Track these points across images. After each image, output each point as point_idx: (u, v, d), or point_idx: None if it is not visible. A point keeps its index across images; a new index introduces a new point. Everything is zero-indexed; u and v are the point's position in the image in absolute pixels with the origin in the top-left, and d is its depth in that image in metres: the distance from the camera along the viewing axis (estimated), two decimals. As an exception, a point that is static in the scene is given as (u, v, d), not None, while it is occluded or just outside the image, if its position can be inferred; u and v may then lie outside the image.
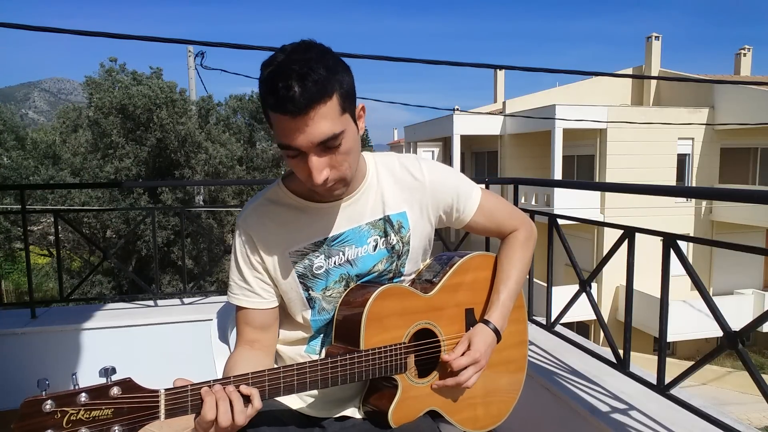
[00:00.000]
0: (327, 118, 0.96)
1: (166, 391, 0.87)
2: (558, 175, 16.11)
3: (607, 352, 2.07)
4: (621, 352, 1.95)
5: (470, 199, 1.27)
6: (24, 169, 15.03)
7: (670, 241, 1.69)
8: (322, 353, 1.21)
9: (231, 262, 1.19)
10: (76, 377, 0.84)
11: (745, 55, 20.03)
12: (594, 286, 7.32)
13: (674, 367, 2.20)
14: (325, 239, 1.16)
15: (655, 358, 1.92)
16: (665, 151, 16.03)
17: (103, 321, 2.85)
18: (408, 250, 1.21)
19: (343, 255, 1.17)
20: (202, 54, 10.67)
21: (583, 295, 2.20)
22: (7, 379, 2.65)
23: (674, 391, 1.73)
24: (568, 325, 2.58)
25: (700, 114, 16.26)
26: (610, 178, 15.55)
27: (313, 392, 1.21)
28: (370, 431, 1.15)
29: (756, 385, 1.44)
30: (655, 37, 19.00)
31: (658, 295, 1.78)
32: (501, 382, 1.32)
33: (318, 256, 1.16)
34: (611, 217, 14.92)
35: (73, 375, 0.84)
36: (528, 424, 2.13)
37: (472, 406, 1.26)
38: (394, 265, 1.21)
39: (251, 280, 1.15)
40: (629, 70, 19.90)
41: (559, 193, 15.09)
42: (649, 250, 2.88)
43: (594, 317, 5.45)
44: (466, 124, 18.70)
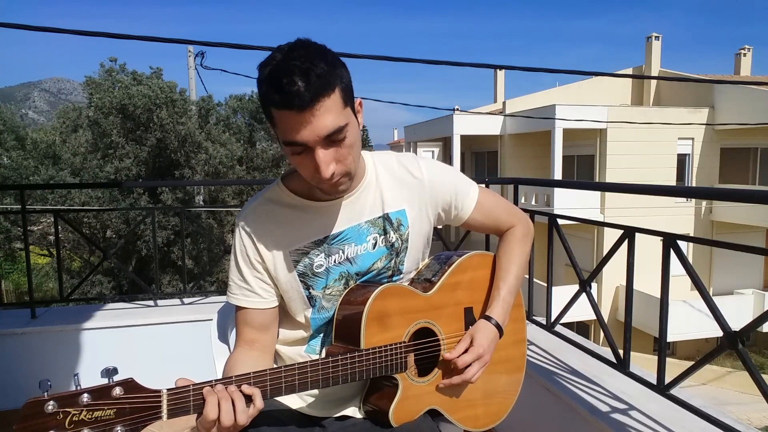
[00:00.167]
0: (331, 112, 0.97)
1: (169, 391, 0.87)
2: (558, 175, 16.11)
3: (607, 352, 2.07)
4: (621, 352, 1.95)
5: (468, 196, 1.28)
6: (24, 169, 15.03)
7: (670, 241, 1.69)
8: (323, 353, 1.21)
9: (230, 262, 1.19)
10: (78, 378, 0.84)
11: (745, 55, 20.03)
12: (594, 286, 7.33)
13: (674, 367, 2.20)
14: (325, 238, 1.16)
15: (655, 358, 1.92)
16: (665, 151, 16.03)
17: (103, 321, 2.85)
18: (407, 248, 1.22)
19: (343, 253, 1.17)
20: (202, 54, 10.68)
21: (583, 295, 2.20)
22: (7, 379, 2.65)
23: (674, 391, 1.73)
24: (568, 325, 2.58)
25: (700, 114, 16.26)
26: (610, 178, 15.55)
27: (314, 392, 1.21)
28: (371, 431, 1.15)
29: (756, 385, 1.44)
30: (655, 37, 19.00)
31: (658, 295, 1.78)
32: (500, 381, 1.32)
33: (318, 255, 1.16)
34: (611, 217, 14.92)
35: (75, 375, 0.84)
36: (528, 424, 2.13)
37: (471, 404, 1.26)
38: (393, 262, 1.21)
39: (251, 280, 1.15)
40: (629, 70, 19.90)
41: (559, 193, 15.09)
42: (649, 250, 2.89)
43: (594, 317, 5.45)
44: (466, 124, 18.70)
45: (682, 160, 16.61)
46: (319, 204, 1.16)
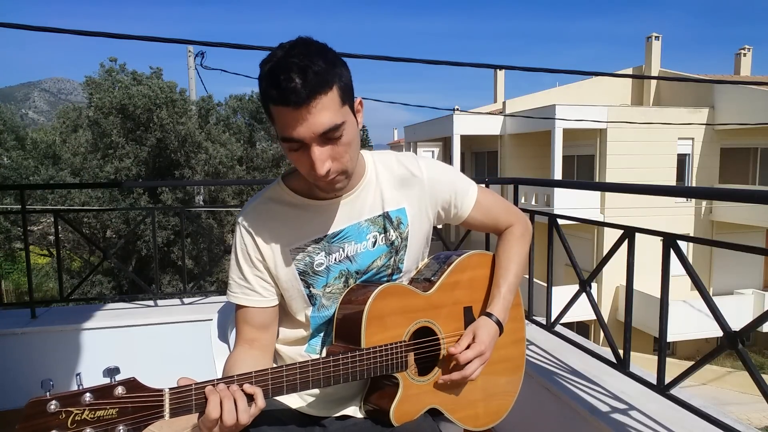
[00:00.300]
0: (328, 109, 0.97)
1: (171, 390, 0.87)
2: (558, 175, 16.11)
3: (607, 352, 2.07)
4: (621, 352, 1.95)
5: (467, 195, 1.29)
6: (24, 169, 15.04)
7: (670, 241, 1.69)
8: (323, 352, 1.21)
9: (231, 260, 1.19)
10: (80, 377, 0.84)
11: (745, 55, 20.02)
12: (594, 286, 7.33)
13: (674, 367, 2.20)
14: (325, 236, 1.16)
15: (655, 358, 1.92)
16: (665, 151, 16.03)
17: (103, 321, 2.85)
18: (406, 246, 1.22)
19: (343, 251, 1.17)
20: (202, 54, 10.67)
21: (583, 295, 2.20)
22: (7, 379, 2.65)
23: (674, 391, 1.73)
24: (568, 325, 2.58)
25: (700, 114, 16.25)
26: (610, 178, 15.54)
27: (314, 391, 1.21)
28: (372, 430, 1.15)
29: (756, 385, 1.44)
30: (655, 37, 18.99)
31: (658, 295, 1.78)
32: (500, 380, 1.32)
33: (319, 253, 1.16)
34: (611, 217, 14.92)
35: (77, 375, 0.84)
36: (528, 424, 2.13)
37: (472, 404, 1.26)
38: (393, 260, 1.22)
39: (251, 279, 1.16)
40: (629, 70, 19.90)
41: (559, 193, 15.09)
42: (649, 250, 2.89)
43: (594, 317, 5.45)
44: (466, 124, 18.70)
45: (682, 160, 16.61)
46: (319, 202, 1.16)
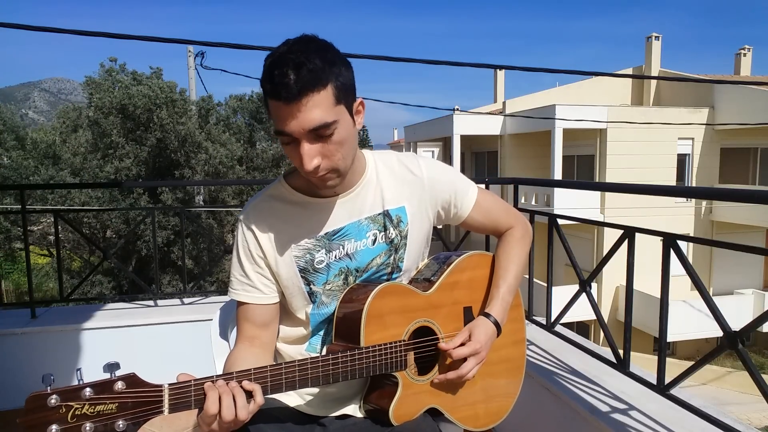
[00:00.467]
0: (320, 107, 0.99)
1: (170, 386, 0.88)
2: (558, 175, 16.11)
3: (607, 352, 2.08)
4: (621, 352, 1.95)
5: (467, 195, 1.29)
6: (24, 169, 15.04)
7: (670, 241, 1.69)
8: (323, 351, 1.21)
9: (233, 258, 1.20)
10: (81, 372, 0.84)
11: (745, 55, 20.02)
12: (594, 286, 7.33)
13: (674, 367, 2.20)
14: (326, 234, 1.17)
15: (655, 358, 1.92)
16: (665, 151, 16.03)
17: (103, 321, 2.85)
18: (406, 244, 1.23)
19: (343, 249, 1.18)
20: (202, 54, 10.68)
21: (583, 295, 2.20)
22: (7, 379, 2.65)
23: (674, 391, 1.73)
24: (568, 325, 2.58)
25: (700, 114, 16.25)
26: (610, 178, 15.54)
27: (314, 391, 1.22)
28: (371, 430, 1.15)
29: (756, 385, 1.44)
30: (655, 37, 18.99)
31: (658, 295, 1.78)
32: (500, 381, 1.32)
33: (319, 251, 1.17)
34: (611, 217, 14.92)
35: (78, 370, 0.85)
36: (528, 424, 2.13)
37: (472, 404, 1.26)
38: (393, 259, 1.22)
39: (252, 275, 1.17)
40: (629, 70, 19.90)
41: (559, 193, 15.09)
42: (649, 250, 2.89)
43: (594, 317, 5.45)
44: (466, 124, 18.70)
45: (682, 160, 16.61)
46: (320, 200, 1.17)
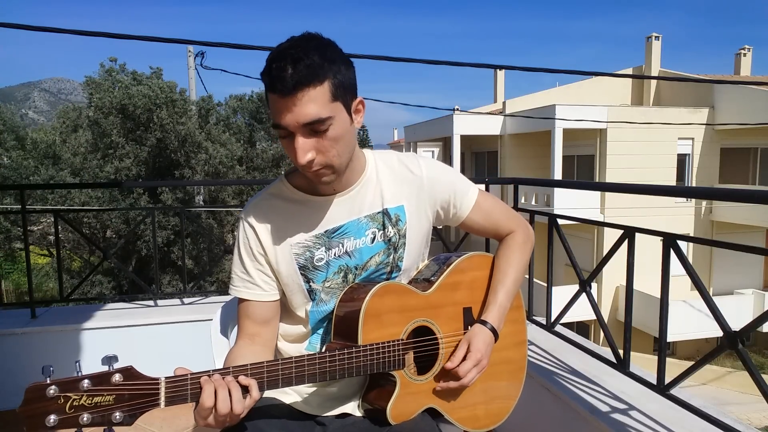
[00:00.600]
0: (315, 102, 1.00)
1: (167, 379, 0.89)
2: (558, 175, 16.11)
3: (607, 352, 2.07)
4: (621, 352, 1.95)
5: (467, 196, 1.29)
6: (24, 169, 15.05)
7: (670, 241, 1.69)
8: (323, 350, 1.21)
9: (234, 255, 1.21)
10: (79, 364, 0.86)
11: (745, 55, 20.02)
12: (594, 286, 7.33)
13: (674, 367, 2.20)
14: (326, 231, 1.18)
15: (655, 358, 1.92)
16: (665, 151, 16.03)
17: (103, 321, 2.85)
18: (404, 243, 1.23)
19: (342, 246, 1.19)
20: (202, 54, 10.68)
21: (583, 295, 2.20)
22: (7, 379, 2.65)
23: (674, 391, 1.73)
24: (568, 325, 2.58)
25: (700, 114, 16.26)
26: (610, 178, 15.55)
27: (313, 390, 1.22)
28: (370, 429, 1.15)
29: (756, 385, 1.44)
30: (655, 37, 18.99)
31: (658, 295, 1.78)
32: (501, 383, 1.32)
33: (319, 248, 1.18)
34: (611, 217, 14.92)
35: (77, 362, 0.86)
36: (528, 424, 2.13)
37: (472, 405, 1.26)
38: (392, 258, 1.22)
39: (253, 272, 1.17)
40: (629, 70, 19.90)
41: (559, 193, 15.09)
42: (649, 250, 2.89)
43: (594, 317, 5.45)
44: (466, 124, 18.70)
45: (682, 160, 16.61)
46: (320, 198, 1.18)
